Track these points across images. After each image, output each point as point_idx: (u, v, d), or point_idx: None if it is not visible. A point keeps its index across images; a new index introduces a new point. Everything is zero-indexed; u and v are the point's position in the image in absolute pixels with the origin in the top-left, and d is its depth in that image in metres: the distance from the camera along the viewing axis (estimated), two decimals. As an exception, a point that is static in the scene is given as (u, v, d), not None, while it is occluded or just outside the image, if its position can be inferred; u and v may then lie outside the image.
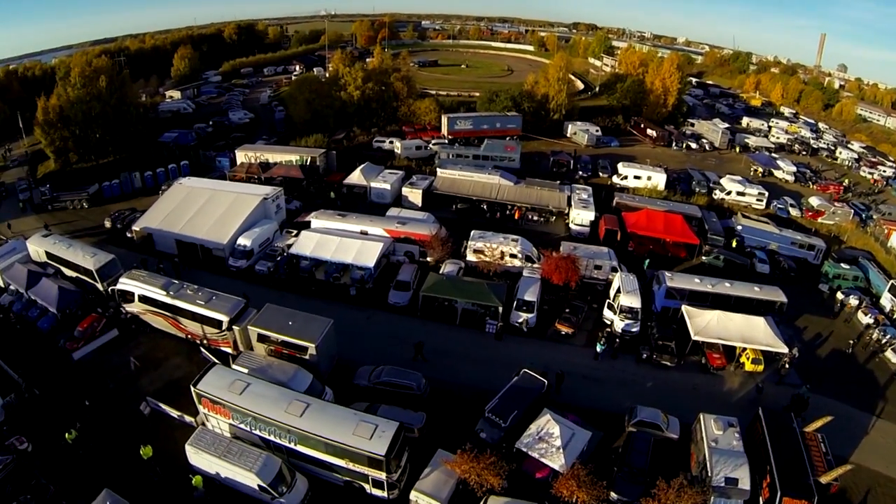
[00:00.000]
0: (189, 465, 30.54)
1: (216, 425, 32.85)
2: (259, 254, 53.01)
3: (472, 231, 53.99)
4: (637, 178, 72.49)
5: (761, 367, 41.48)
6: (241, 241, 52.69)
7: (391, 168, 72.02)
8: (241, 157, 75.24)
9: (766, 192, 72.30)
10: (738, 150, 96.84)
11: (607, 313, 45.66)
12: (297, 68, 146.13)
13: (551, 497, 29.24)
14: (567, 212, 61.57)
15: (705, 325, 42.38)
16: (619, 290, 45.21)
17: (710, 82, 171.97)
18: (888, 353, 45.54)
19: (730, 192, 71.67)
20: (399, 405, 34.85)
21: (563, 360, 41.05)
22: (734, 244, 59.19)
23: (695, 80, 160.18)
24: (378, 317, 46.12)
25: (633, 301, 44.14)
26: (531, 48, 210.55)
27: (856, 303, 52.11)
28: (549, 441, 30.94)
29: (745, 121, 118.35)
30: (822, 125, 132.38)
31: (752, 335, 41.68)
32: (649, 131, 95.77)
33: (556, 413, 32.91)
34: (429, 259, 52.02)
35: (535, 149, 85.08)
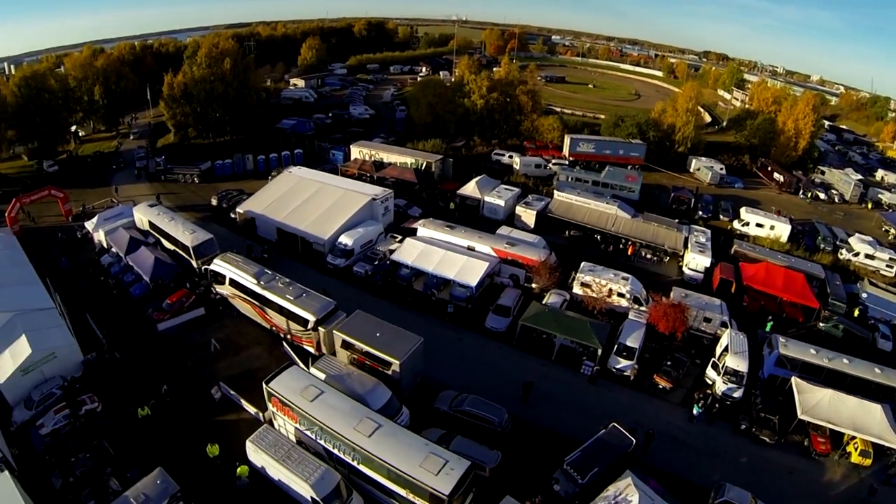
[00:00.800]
0: (247, 460, 30.97)
1: (282, 425, 33.01)
2: (359, 255, 53.57)
3: (583, 262, 52.16)
4: (759, 225, 67.74)
5: (869, 462, 36.71)
6: (343, 239, 53.50)
7: (507, 183, 71.38)
8: (356, 152, 77.40)
9: (899, 259, 64.91)
10: (870, 205, 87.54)
11: (710, 373, 42.70)
12: (424, 69, 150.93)
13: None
14: (682, 254, 58.35)
15: (815, 403, 38.38)
16: (726, 349, 42.43)
17: (843, 127, 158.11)
18: None
19: (857, 254, 64.85)
20: (476, 439, 33.64)
21: (655, 416, 38.75)
22: (856, 313, 53.53)
23: (828, 123, 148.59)
24: (470, 340, 45.02)
25: (739, 364, 41.13)
26: (660, 74, 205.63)
27: None
28: (626, 508, 28.43)
29: (879, 173, 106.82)
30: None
31: (866, 423, 37.18)
32: (776, 175, 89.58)
33: (637, 477, 30.14)
34: (534, 286, 50.53)
35: (655, 181, 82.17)
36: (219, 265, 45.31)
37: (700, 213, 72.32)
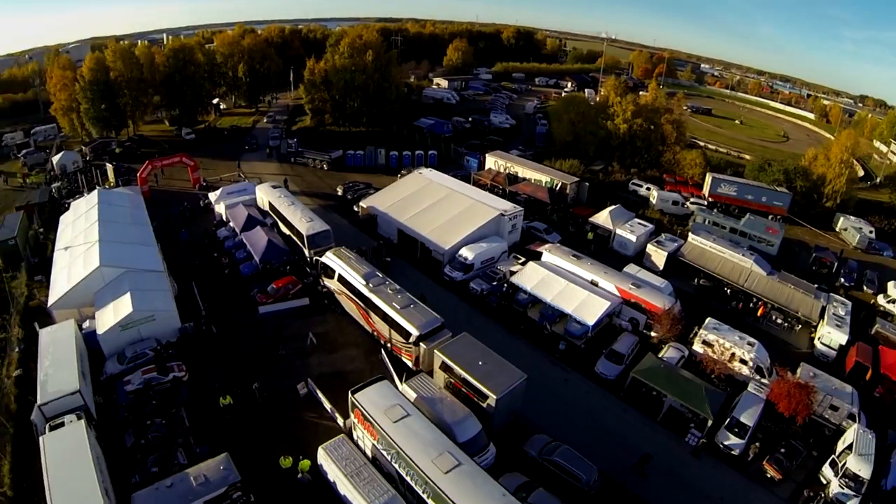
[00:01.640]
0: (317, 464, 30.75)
1: (360, 437, 32.37)
2: (478, 271, 52.40)
3: (708, 318, 48.07)
4: None
5: None
6: (464, 252, 52.63)
7: (641, 217, 67.71)
8: (491, 162, 76.87)
9: None
10: None
11: (826, 471, 37.38)
12: (569, 85, 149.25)
13: None
14: (816, 324, 52.16)
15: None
16: (849, 448, 37.25)
17: None
18: None
19: None
20: (559, 494, 31.42)
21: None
22: None
23: None
24: (576, 382, 42.40)
25: (862, 468, 35.75)
26: (811, 116, 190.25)
27: None
28: None
29: None
30: None
31: None
32: None
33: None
34: (653, 334, 47.14)
35: (796, 236, 74.84)
36: (330, 259, 45.79)
37: (842, 280, 64.77)
